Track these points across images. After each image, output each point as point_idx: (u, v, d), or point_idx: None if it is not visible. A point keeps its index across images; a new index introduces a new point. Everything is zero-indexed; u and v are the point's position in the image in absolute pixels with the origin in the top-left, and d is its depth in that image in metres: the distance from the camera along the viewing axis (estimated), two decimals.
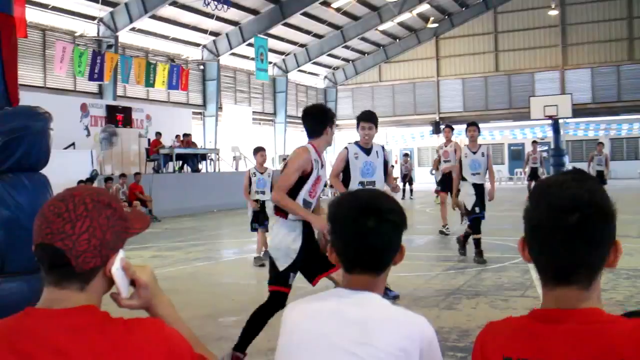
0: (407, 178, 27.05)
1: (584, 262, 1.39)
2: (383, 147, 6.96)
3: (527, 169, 21.58)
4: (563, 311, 1.39)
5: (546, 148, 33.19)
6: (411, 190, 26.94)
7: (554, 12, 36.65)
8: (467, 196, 9.57)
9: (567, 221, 1.36)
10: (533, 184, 20.95)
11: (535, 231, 1.43)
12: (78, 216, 1.43)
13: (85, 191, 1.49)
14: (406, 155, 29.38)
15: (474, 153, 9.59)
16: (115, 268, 1.48)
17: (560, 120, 32.18)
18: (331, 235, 1.89)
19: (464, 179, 9.66)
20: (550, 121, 31.81)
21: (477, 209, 9.44)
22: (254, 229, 10.25)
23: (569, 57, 38.11)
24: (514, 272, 8.42)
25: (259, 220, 10.13)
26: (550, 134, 33.85)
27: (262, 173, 10.24)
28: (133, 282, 1.54)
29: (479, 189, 9.53)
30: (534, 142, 22.46)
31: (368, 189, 2.06)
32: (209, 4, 23.04)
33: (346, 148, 6.86)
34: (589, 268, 1.40)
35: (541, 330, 1.41)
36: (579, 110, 33.87)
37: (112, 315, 1.45)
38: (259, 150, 10.44)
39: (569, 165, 32.73)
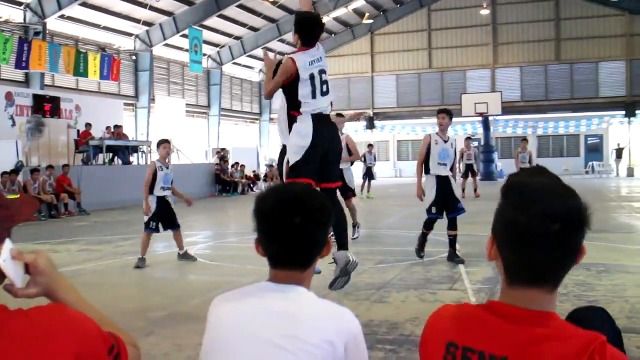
0: None
1: (559, 266, 1.44)
2: None
3: (462, 166, 21.01)
4: (523, 311, 1.43)
5: (476, 144, 33.86)
6: None
7: (485, 12, 37.55)
8: (427, 192, 8.84)
9: (553, 228, 1.38)
10: (468, 180, 20.92)
11: (517, 234, 1.43)
12: None
13: None
14: None
15: (445, 142, 8.84)
16: (2, 259, 1.40)
17: (490, 118, 32.97)
18: (257, 230, 1.88)
19: (426, 172, 8.88)
20: (480, 118, 32.52)
21: (433, 209, 8.76)
22: (151, 228, 9.22)
23: (499, 55, 39.10)
24: (443, 266, 8.59)
25: (172, 221, 9.32)
26: (480, 130, 34.66)
27: (167, 167, 9.33)
28: (28, 270, 1.48)
29: (443, 182, 8.73)
30: (468, 139, 21.92)
31: (294, 183, 2.03)
32: None
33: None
34: (560, 272, 1.45)
35: (495, 324, 1.45)
36: (508, 108, 34.80)
37: (10, 307, 1.39)
38: (163, 142, 9.52)
39: (498, 162, 33.60)
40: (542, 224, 1.38)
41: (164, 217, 9.27)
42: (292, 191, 1.88)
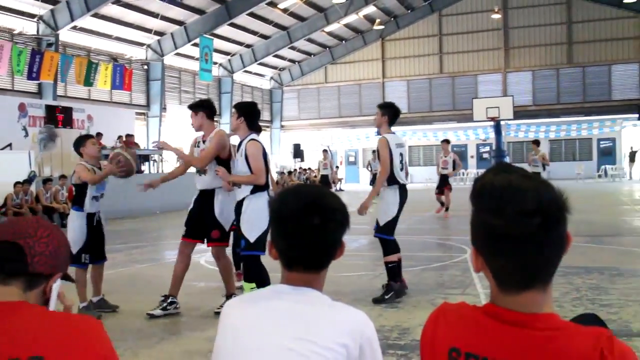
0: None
1: (549, 262, 1.36)
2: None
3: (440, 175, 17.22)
4: (522, 315, 1.37)
5: (488, 149, 33.81)
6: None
7: (496, 16, 37.46)
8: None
9: (534, 224, 1.31)
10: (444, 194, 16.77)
11: (498, 239, 1.35)
12: (40, 225, 1.69)
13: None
14: (325, 151, 26.51)
15: None
16: (54, 288, 1.71)
17: (502, 122, 32.81)
18: (272, 232, 1.86)
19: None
20: (492, 123, 32.39)
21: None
22: (84, 263, 6.62)
23: (510, 59, 38.97)
24: (454, 270, 8.55)
25: (101, 250, 6.84)
26: (492, 135, 34.53)
27: (100, 170, 6.93)
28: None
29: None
30: (445, 141, 17.81)
31: (308, 185, 2.01)
32: None
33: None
34: (552, 268, 1.38)
35: (496, 328, 1.39)
36: (520, 112, 34.64)
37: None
38: (89, 138, 7.06)
39: None
40: (521, 223, 1.31)
41: (96, 245, 6.76)
42: (310, 192, 1.86)
